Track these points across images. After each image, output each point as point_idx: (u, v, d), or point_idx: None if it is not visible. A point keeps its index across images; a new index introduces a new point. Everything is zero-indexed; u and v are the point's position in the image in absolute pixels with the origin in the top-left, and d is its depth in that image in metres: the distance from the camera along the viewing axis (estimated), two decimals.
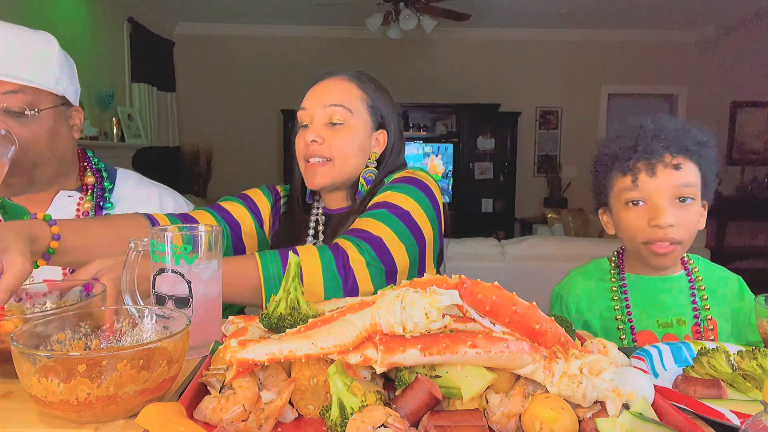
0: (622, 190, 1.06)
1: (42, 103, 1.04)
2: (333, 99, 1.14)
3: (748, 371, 0.71)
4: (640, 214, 1.04)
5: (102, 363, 0.55)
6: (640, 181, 1.03)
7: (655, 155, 1.02)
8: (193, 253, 0.76)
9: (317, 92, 1.16)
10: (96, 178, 1.17)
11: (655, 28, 6.44)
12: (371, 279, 0.95)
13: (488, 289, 0.60)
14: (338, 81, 1.17)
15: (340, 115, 1.13)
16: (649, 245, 1.03)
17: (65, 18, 4.20)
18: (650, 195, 1.03)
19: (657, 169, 1.02)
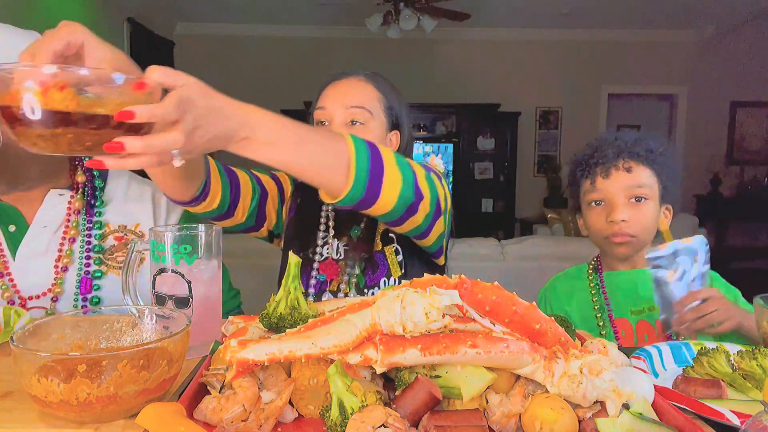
0: (585, 192, 1.24)
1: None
2: (354, 100, 1.14)
3: (748, 371, 0.71)
4: (600, 212, 1.21)
5: (102, 363, 0.56)
6: (597, 182, 1.20)
7: (609, 160, 1.19)
8: (193, 253, 0.76)
9: (336, 92, 1.16)
10: (87, 176, 1.16)
11: (655, 28, 6.44)
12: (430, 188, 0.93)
13: (488, 289, 0.60)
14: (356, 81, 1.17)
15: (361, 116, 1.14)
16: (608, 238, 1.19)
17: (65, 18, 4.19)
18: (607, 195, 1.19)
19: (611, 172, 1.18)
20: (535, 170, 6.96)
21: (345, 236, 1.20)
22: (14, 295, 1.05)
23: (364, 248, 1.16)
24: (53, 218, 1.10)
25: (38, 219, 1.09)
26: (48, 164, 1.09)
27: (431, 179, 0.96)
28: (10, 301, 1.04)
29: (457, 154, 6.62)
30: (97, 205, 1.14)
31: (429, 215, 0.96)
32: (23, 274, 1.07)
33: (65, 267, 1.08)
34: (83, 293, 1.08)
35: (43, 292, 1.06)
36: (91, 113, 0.57)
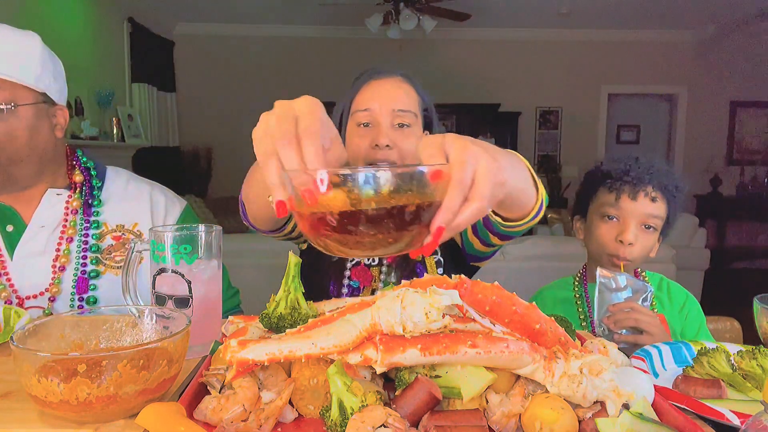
0: (604, 203, 1.24)
1: (20, 99, 1.01)
2: (401, 104, 1.12)
3: (748, 371, 0.71)
4: (611, 228, 1.22)
5: (102, 363, 0.55)
6: (622, 200, 1.21)
7: (641, 184, 1.20)
8: (193, 253, 0.76)
9: (381, 94, 1.13)
10: (84, 176, 1.16)
11: (655, 28, 6.44)
12: None
13: (488, 289, 0.60)
14: (398, 82, 1.15)
15: (408, 119, 1.13)
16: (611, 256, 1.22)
17: (65, 18, 4.20)
18: (624, 214, 1.21)
19: (639, 195, 1.20)
20: (535, 170, 6.96)
21: None
22: (12, 295, 1.05)
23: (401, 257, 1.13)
24: (51, 218, 1.10)
25: (36, 218, 1.09)
26: (41, 164, 1.09)
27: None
28: (7, 300, 1.04)
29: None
30: (95, 204, 1.14)
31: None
32: (21, 274, 1.07)
33: (63, 267, 1.08)
34: (80, 293, 1.07)
35: (41, 291, 1.06)
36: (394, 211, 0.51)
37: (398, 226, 0.51)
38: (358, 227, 0.51)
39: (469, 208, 0.53)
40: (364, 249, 0.53)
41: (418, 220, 0.52)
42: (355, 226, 0.51)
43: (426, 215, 0.52)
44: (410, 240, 0.53)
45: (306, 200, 0.50)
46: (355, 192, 0.50)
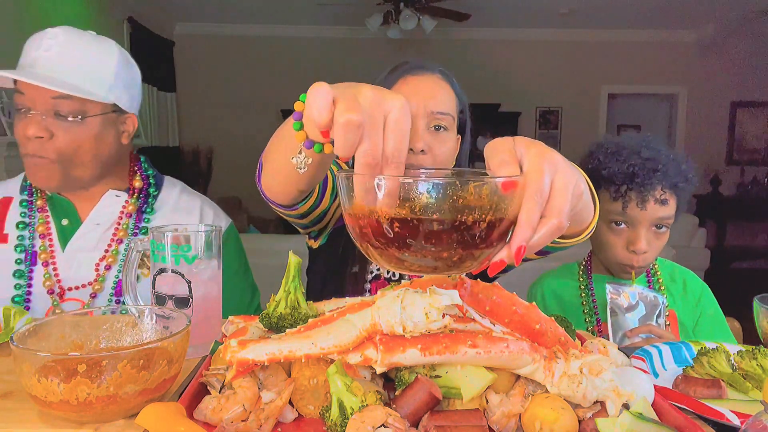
0: (610, 211, 1.14)
1: (90, 110, 1.06)
2: (438, 105, 1.03)
3: (748, 371, 0.71)
4: (621, 235, 1.13)
5: (102, 363, 0.55)
6: (629, 209, 1.11)
7: (648, 189, 1.09)
8: (193, 253, 0.76)
9: (417, 92, 1.03)
10: (144, 183, 1.20)
11: (655, 28, 6.44)
12: None
13: (488, 289, 0.60)
14: (436, 80, 1.07)
15: (446, 122, 1.04)
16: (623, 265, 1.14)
17: (65, 18, 4.19)
18: (634, 222, 1.12)
19: (648, 202, 1.10)
20: None
21: None
22: (55, 285, 1.09)
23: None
24: (107, 217, 1.14)
25: (93, 216, 1.14)
26: (104, 168, 1.13)
27: None
28: (50, 290, 1.08)
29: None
30: (147, 211, 1.18)
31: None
32: (68, 266, 1.11)
33: (108, 266, 1.12)
34: (117, 295, 1.11)
35: (83, 284, 1.10)
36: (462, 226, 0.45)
37: (464, 244, 0.46)
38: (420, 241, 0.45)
39: (547, 225, 0.47)
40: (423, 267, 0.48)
41: (488, 236, 0.46)
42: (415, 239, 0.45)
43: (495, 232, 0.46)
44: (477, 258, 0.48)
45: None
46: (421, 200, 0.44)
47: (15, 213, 1.13)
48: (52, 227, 1.13)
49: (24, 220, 1.12)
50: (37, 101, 1.03)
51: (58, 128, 1.04)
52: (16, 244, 1.10)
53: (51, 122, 1.03)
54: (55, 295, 1.08)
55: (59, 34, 1.05)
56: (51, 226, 1.13)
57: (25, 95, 1.03)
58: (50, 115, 1.03)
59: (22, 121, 1.03)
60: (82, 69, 1.05)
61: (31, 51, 1.05)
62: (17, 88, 1.04)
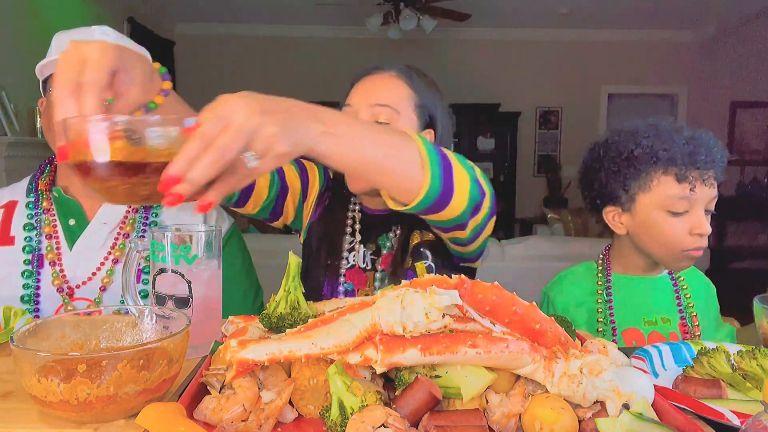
0: (671, 196, 1.03)
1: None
2: (380, 98, 1.07)
3: (748, 371, 0.71)
4: (681, 223, 1.04)
5: (102, 363, 0.55)
6: (697, 189, 1.02)
7: (710, 166, 1.02)
8: (193, 253, 0.76)
9: (364, 89, 1.10)
10: None
11: (655, 28, 6.44)
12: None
13: (488, 289, 0.60)
14: (387, 77, 1.11)
15: (386, 115, 1.07)
16: (688, 252, 1.06)
17: (65, 18, 4.19)
18: (695, 205, 1.04)
19: (708, 181, 1.03)
20: (535, 170, 6.96)
21: (372, 244, 1.15)
22: (63, 284, 1.11)
23: (394, 263, 1.09)
24: (113, 216, 1.17)
25: (99, 216, 1.17)
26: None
27: (485, 177, 0.92)
28: (59, 288, 1.10)
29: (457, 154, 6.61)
30: (152, 214, 1.21)
31: (486, 215, 0.92)
32: (76, 265, 1.13)
33: (116, 259, 1.14)
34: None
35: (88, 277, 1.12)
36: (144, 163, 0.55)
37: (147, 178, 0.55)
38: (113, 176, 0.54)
39: (205, 158, 0.54)
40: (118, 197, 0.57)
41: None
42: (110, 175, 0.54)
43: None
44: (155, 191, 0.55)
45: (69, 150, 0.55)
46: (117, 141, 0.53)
47: (21, 215, 1.16)
48: (59, 228, 1.16)
49: (30, 222, 1.15)
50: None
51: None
52: (24, 245, 1.13)
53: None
54: (64, 294, 1.11)
55: (109, 31, 1.10)
56: (57, 226, 1.16)
57: None
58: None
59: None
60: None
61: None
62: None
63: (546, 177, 6.88)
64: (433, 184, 0.77)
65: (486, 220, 0.93)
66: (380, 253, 1.14)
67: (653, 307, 1.12)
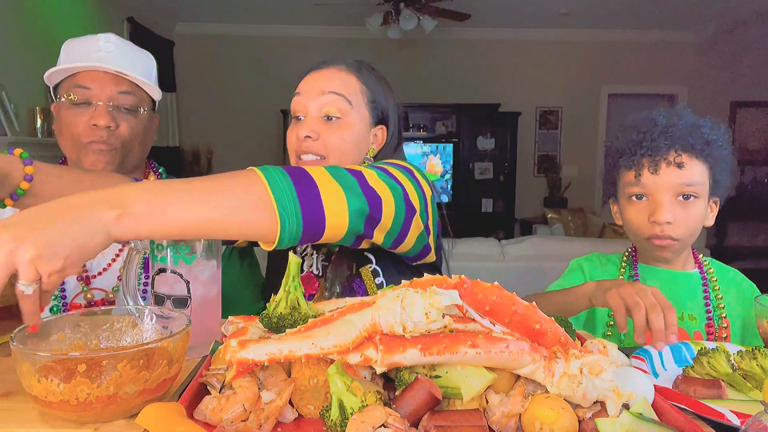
0: (626, 184, 1.08)
1: (144, 104, 1.21)
2: (331, 86, 1.05)
3: (748, 371, 0.71)
4: (642, 209, 1.07)
5: (102, 363, 0.55)
6: (643, 177, 1.05)
7: (659, 152, 1.03)
8: (192, 253, 0.76)
9: (314, 79, 1.08)
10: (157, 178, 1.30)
11: (655, 28, 6.44)
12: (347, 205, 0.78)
13: (488, 289, 0.60)
14: (337, 71, 1.09)
15: (338, 106, 1.04)
16: (649, 240, 1.07)
17: (65, 18, 4.20)
18: (652, 191, 1.05)
19: (660, 166, 1.03)
20: (535, 170, 6.96)
21: (325, 248, 1.12)
22: (81, 272, 1.14)
23: (338, 269, 1.05)
24: None
25: None
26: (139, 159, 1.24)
27: (388, 176, 0.86)
28: (78, 277, 1.14)
29: (457, 154, 6.62)
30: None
31: (399, 216, 0.86)
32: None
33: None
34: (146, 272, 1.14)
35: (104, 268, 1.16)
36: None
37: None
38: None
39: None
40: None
41: None
42: None
43: None
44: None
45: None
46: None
47: None
48: None
49: None
50: (103, 95, 1.13)
51: (122, 120, 1.16)
52: None
53: (116, 114, 1.15)
54: (83, 282, 1.14)
55: (113, 38, 1.18)
56: None
57: (92, 90, 1.13)
58: (113, 107, 1.15)
59: (87, 114, 1.13)
60: (139, 69, 1.19)
61: (89, 51, 1.15)
62: (79, 84, 1.13)
63: (546, 177, 6.88)
64: (289, 221, 0.71)
65: (402, 221, 0.87)
66: (330, 259, 1.09)
67: (680, 303, 1.09)
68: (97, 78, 1.13)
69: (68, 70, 1.14)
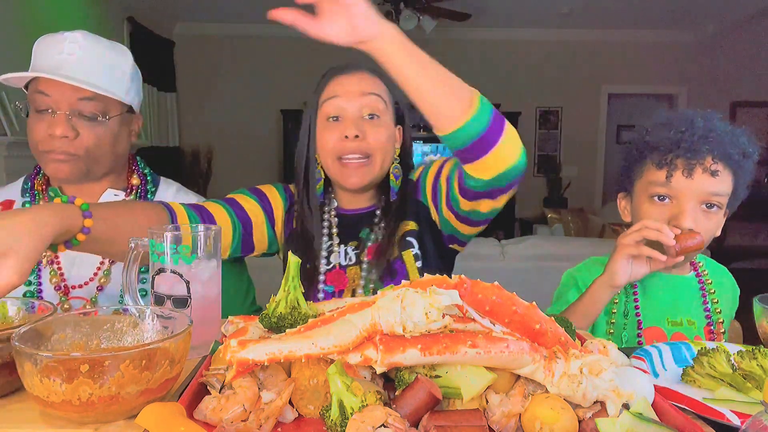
0: (652, 182, 1.02)
1: (111, 110, 1.13)
2: (369, 88, 1.10)
3: (748, 371, 0.71)
4: (663, 211, 1.01)
5: (104, 363, 0.55)
6: (674, 178, 0.99)
7: (698, 156, 0.98)
8: (192, 253, 0.76)
9: (349, 81, 1.12)
10: (141, 180, 1.25)
11: (655, 28, 6.44)
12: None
13: (488, 289, 0.60)
14: (367, 74, 1.13)
15: (378, 106, 1.10)
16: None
17: (65, 18, 4.19)
18: (679, 195, 1.00)
19: (695, 171, 0.98)
20: (535, 170, 6.96)
21: (353, 240, 1.16)
22: (61, 282, 1.12)
23: (381, 253, 1.10)
24: None
25: None
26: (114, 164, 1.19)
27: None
28: (56, 287, 1.11)
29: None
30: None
31: (512, 192, 0.96)
32: (71, 264, 1.14)
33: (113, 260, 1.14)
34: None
35: (85, 282, 1.13)
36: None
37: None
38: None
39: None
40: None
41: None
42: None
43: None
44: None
45: None
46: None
47: None
48: None
49: None
50: (63, 102, 1.08)
51: (83, 127, 1.10)
52: None
53: (76, 122, 1.09)
54: (61, 292, 1.11)
55: (79, 38, 1.10)
56: None
57: (51, 97, 1.07)
58: (74, 115, 1.09)
59: (45, 121, 1.08)
60: (104, 72, 1.11)
61: (52, 54, 1.09)
62: (39, 90, 1.08)
63: (546, 177, 6.88)
64: (482, 113, 0.84)
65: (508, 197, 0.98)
66: (364, 247, 1.14)
67: (679, 308, 1.09)
68: (57, 84, 1.06)
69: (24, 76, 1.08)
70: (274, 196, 1.20)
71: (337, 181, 1.14)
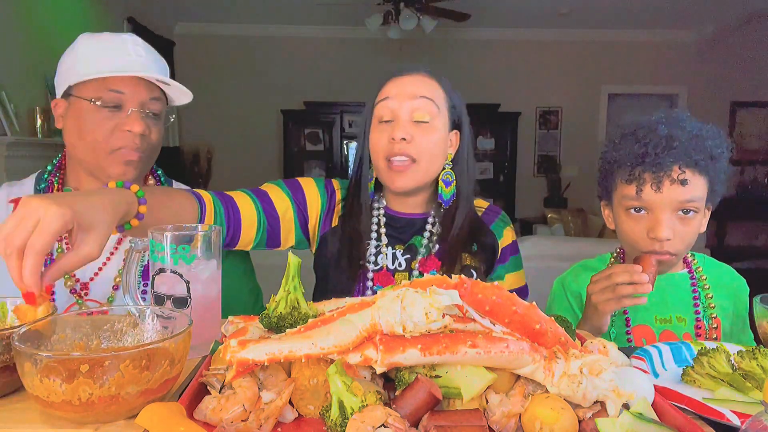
0: (625, 197, 1.03)
1: (164, 109, 1.19)
2: (421, 91, 1.10)
3: (748, 371, 0.71)
4: (640, 222, 1.02)
5: (104, 363, 0.55)
6: (644, 192, 1.00)
7: (663, 168, 0.98)
8: (192, 253, 0.76)
9: (401, 84, 1.12)
10: (156, 182, 1.28)
11: (655, 28, 6.44)
12: None
13: (488, 289, 0.60)
14: (422, 77, 1.13)
15: (428, 109, 1.10)
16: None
17: (65, 18, 4.19)
18: (653, 206, 1.00)
19: (663, 183, 0.98)
20: (535, 170, 6.96)
21: (401, 245, 1.16)
22: (75, 284, 1.11)
23: (439, 261, 1.11)
24: None
25: None
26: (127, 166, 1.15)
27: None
28: (72, 290, 1.10)
29: None
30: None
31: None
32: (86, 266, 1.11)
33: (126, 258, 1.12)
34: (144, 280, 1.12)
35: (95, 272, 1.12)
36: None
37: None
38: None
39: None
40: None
41: None
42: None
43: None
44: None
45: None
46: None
47: None
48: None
49: None
50: (137, 100, 1.10)
51: (152, 126, 1.14)
52: None
53: (147, 120, 1.12)
54: (76, 294, 1.10)
55: (138, 40, 1.15)
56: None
57: (125, 94, 1.09)
58: (145, 113, 1.12)
59: (114, 119, 1.09)
60: (162, 72, 1.16)
61: (118, 54, 1.10)
62: (111, 87, 1.08)
63: (546, 177, 6.88)
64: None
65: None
66: (416, 255, 1.14)
67: (668, 305, 1.10)
68: (131, 82, 1.08)
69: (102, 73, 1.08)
70: (311, 190, 1.18)
71: (385, 182, 1.13)
